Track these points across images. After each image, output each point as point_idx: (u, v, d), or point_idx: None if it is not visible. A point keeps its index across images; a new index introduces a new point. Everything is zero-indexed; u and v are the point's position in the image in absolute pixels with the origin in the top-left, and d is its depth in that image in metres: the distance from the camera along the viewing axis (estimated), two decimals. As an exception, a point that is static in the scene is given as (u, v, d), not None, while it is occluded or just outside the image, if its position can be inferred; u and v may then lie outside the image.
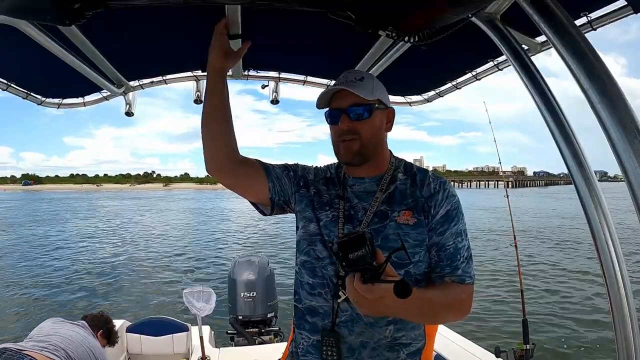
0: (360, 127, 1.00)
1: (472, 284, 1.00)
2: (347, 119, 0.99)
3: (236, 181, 1.10)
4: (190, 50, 1.59)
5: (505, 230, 13.23)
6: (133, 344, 2.67)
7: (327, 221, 1.03)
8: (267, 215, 1.16)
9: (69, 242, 15.05)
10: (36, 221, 22.61)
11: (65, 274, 9.92)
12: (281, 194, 1.10)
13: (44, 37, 1.19)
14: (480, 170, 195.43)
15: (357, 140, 1.00)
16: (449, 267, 0.98)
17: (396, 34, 1.01)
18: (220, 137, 1.06)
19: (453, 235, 0.99)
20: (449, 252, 0.98)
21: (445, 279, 0.98)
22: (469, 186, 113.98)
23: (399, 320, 0.98)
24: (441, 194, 1.01)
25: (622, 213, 13.96)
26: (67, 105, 2.00)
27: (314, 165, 1.18)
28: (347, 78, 1.02)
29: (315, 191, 1.09)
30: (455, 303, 0.97)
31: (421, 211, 0.99)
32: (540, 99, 1.02)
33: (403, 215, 0.99)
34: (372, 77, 1.06)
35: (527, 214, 22.23)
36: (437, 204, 1.00)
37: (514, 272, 6.42)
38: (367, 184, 1.05)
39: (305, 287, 1.04)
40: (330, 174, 1.12)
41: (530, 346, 2.50)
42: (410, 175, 1.05)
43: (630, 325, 0.95)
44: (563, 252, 11.11)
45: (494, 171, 28.21)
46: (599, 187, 0.97)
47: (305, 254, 1.05)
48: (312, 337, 1.01)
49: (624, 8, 1.00)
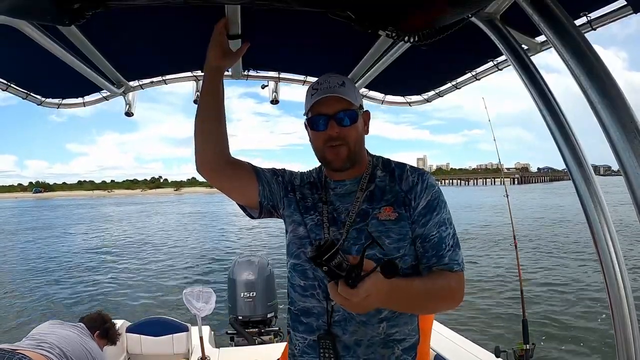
0: (348, 132, 1.01)
1: (461, 270, 1.00)
2: (335, 125, 0.99)
3: (227, 183, 1.11)
4: (190, 50, 1.59)
5: (505, 230, 13.24)
6: (133, 344, 2.67)
7: (312, 225, 1.05)
8: (255, 218, 1.16)
9: (78, 245, 15.07)
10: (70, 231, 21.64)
11: (65, 273, 9.92)
12: (270, 198, 1.11)
13: (44, 37, 1.19)
14: (485, 168, 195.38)
15: (345, 145, 1.01)
16: (435, 256, 0.99)
17: (396, 34, 1.01)
18: (213, 137, 1.06)
19: (436, 224, 1.00)
20: (433, 242, 0.99)
21: (433, 268, 0.99)
22: (475, 184, 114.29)
23: (391, 316, 0.99)
24: (420, 185, 1.02)
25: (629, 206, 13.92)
26: (67, 106, 2.00)
27: (299, 171, 1.19)
28: (330, 83, 1.01)
29: (300, 196, 1.10)
30: (445, 291, 0.98)
31: (402, 205, 1.01)
32: (540, 98, 1.02)
33: (384, 211, 1.00)
34: (351, 81, 1.07)
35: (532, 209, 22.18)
36: (417, 195, 1.01)
37: (514, 272, 6.43)
38: (349, 186, 1.06)
39: (298, 290, 1.05)
40: (313, 179, 1.13)
41: (530, 346, 2.50)
42: (388, 171, 1.07)
43: (630, 326, 0.95)
44: (563, 252, 11.11)
45: (499, 168, 28.21)
46: (598, 186, 0.97)
47: (296, 257, 1.06)
48: (308, 338, 1.03)
49: (623, 8, 1.00)
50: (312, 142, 1.06)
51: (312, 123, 1.03)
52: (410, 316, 1.03)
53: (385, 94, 2.12)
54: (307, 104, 1.03)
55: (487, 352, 2.36)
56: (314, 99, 1.00)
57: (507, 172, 17.92)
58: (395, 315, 1.00)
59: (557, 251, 11.14)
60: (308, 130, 1.07)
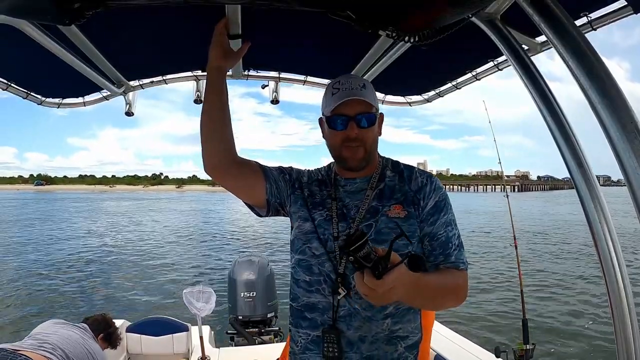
0: (366, 134, 1.03)
1: (465, 269, 1.03)
2: (355, 126, 1.01)
3: (234, 182, 1.11)
4: (190, 50, 1.59)
5: (505, 230, 13.24)
6: (133, 344, 2.67)
7: (321, 220, 1.06)
8: (263, 216, 1.17)
9: (75, 240, 15.08)
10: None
11: (65, 274, 9.92)
12: (277, 196, 1.12)
13: (44, 37, 1.19)
14: (485, 175, 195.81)
15: (362, 147, 1.03)
16: (442, 255, 1.02)
17: (396, 34, 1.01)
18: (219, 137, 1.07)
19: (443, 224, 1.03)
20: (440, 240, 1.02)
21: (440, 266, 1.02)
22: (476, 190, 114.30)
23: (395, 313, 1.01)
24: (429, 186, 1.06)
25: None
26: (67, 105, 2.00)
27: (307, 169, 1.20)
28: (351, 85, 1.02)
29: (308, 193, 1.12)
30: (452, 288, 1.01)
31: (411, 204, 1.04)
32: (541, 99, 1.02)
33: (393, 209, 1.03)
34: (370, 84, 1.08)
35: (531, 217, 22.20)
36: (426, 196, 1.04)
37: (514, 272, 6.42)
38: (359, 184, 1.08)
39: (302, 285, 1.06)
40: (321, 176, 1.15)
41: (530, 346, 2.49)
42: (397, 172, 1.10)
43: (630, 326, 0.95)
44: (564, 252, 11.11)
45: (499, 175, 28.19)
46: (599, 189, 0.97)
47: (301, 253, 1.07)
48: (312, 333, 1.03)
49: (624, 8, 1.00)
50: (329, 140, 1.08)
51: (332, 122, 1.04)
52: (413, 313, 1.05)
53: (386, 94, 2.13)
54: (329, 103, 1.04)
55: (487, 352, 2.35)
56: (338, 100, 1.01)
57: (507, 180, 18.10)
58: (400, 312, 1.01)
59: (558, 251, 11.13)
60: (324, 128, 1.08)
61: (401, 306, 1.01)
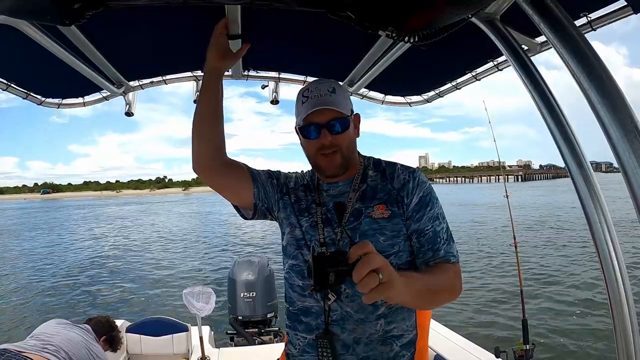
0: (340, 139, 1.02)
1: (457, 262, 1.02)
2: (328, 133, 1.00)
3: (222, 183, 1.11)
4: (190, 51, 1.59)
5: (505, 228, 13.24)
6: (133, 344, 2.67)
7: (307, 227, 1.06)
8: (248, 219, 1.17)
9: (76, 244, 15.07)
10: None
11: (65, 274, 9.92)
12: (265, 200, 1.11)
13: (44, 37, 1.19)
14: (487, 165, 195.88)
15: (338, 152, 1.02)
16: (431, 250, 1.01)
17: (396, 34, 1.01)
18: (210, 137, 1.07)
19: (430, 219, 1.02)
20: (428, 236, 1.01)
21: (430, 262, 1.00)
22: (480, 181, 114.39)
23: (388, 313, 1.00)
24: (412, 182, 1.04)
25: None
26: (67, 105, 2.00)
27: (294, 173, 1.20)
28: (320, 91, 1.01)
29: (295, 198, 1.11)
30: (445, 282, 0.99)
31: (394, 202, 1.03)
32: (540, 99, 1.02)
33: (377, 209, 1.02)
34: (340, 86, 1.07)
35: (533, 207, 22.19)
36: (409, 192, 1.03)
37: (514, 272, 6.43)
38: (341, 187, 1.08)
39: (297, 289, 1.06)
40: (306, 181, 1.14)
41: (530, 346, 2.50)
42: (379, 171, 1.09)
43: (630, 326, 0.95)
44: (564, 252, 11.11)
45: (501, 166, 28.53)
46: (598, 185, 0.97)
47: (294, 258, 1.07)
48: (308, 337, 1.04)
49: (623, 8, 1.00)
50: (305, 149, 1.07)
51: (305, 131, 1.03)
52: (407, 312, 1.04)
53: (385, 94, 2.13)
54: (300, 112, 1.03)
55: (487, 352, 2.35)
56: (308, 109, 1.00)
57: (509, 170, 17.79)
58: (393, 311, 1.01)
59: (558, 251, 11.14)
60: (300, 137, 1.08)
61: (394, 305, 1.01)
